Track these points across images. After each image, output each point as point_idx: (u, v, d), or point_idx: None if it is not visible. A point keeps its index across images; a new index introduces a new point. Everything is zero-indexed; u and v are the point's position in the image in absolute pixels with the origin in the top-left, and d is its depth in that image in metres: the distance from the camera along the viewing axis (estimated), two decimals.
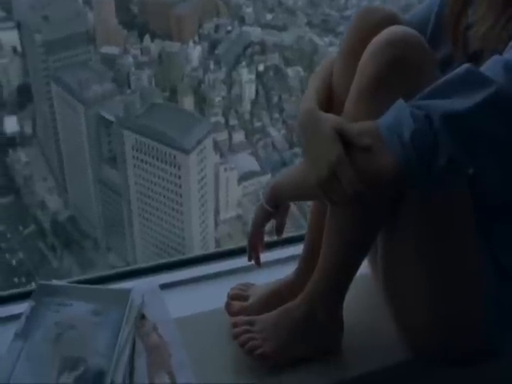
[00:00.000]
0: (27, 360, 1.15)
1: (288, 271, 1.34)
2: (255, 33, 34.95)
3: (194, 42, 35.33)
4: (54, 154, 26.71)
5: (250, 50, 30.94)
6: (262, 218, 1.23)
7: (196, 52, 32.59)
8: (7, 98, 26.72)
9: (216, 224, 24.09)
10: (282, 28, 30.88)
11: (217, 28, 40.15)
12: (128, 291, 1.29)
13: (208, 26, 38.43)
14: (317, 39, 28.32)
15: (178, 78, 30.07)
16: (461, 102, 0.87)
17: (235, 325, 1.21)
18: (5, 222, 23.63)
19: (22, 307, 1.28)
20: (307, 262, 1.23)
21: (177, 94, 29.12)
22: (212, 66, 29.58)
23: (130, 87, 29.42)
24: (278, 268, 1.47)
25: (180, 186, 22.63)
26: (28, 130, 26.32)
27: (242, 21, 41.27)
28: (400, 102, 0.91)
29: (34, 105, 27.21)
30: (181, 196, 22.76)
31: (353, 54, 1.04)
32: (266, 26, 35.59)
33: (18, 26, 28.79)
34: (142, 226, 23.60)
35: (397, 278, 1.12)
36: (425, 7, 1.20)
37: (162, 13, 41.43)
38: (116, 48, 33.68)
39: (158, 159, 22.42)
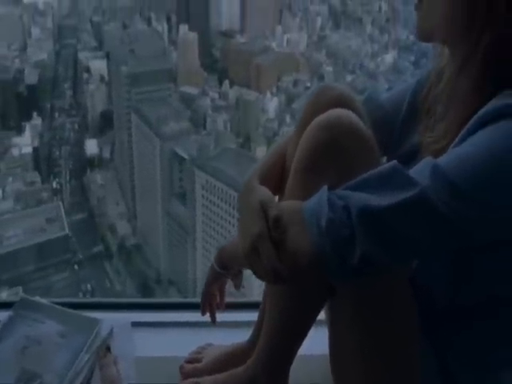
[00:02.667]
0: None
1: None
2: None
3: (272, 94, 35.87)
4: (127, 180, 27.22)
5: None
6: (213, 278, 1.29)
7: (273, 103, 33.05)
8: (90, 121, 27.55)
9: None
10: (362, 91, 30.83)
11: (295, 83, 40.77)
12: (97, 321, 1.43)
13: (287, 80, 39.04)
14: None
15: (253, 127, 30.48)
16: (381, 199, 0.84)
17: None
18: (76, 237, 24.07)
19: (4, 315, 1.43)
20: (260, 328, 1.23)
21: (250, 141, 29.47)
22: (288, 120, 29.85)
23: (205, 128, 29.93)
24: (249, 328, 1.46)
25: None
26: (106, 154, 27.04)
27: (322, 79, 41.86)
28: (324, 188, 0.90)
29: (113, 131, 27.96)
30: None
31: (305, 128, 1.03)
32: None
33: (107, 57, 29.82)
34: (205, 265, 23.57)
35: (338, 361, 1.11)
36: (399, 93, 1.21)
37: (242, 61, 42.39)
38: (195, 89, 34.47)
39: (226, 202, 22.53)
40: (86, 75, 29.34)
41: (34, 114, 25.56)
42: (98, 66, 30.16)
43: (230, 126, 32.00)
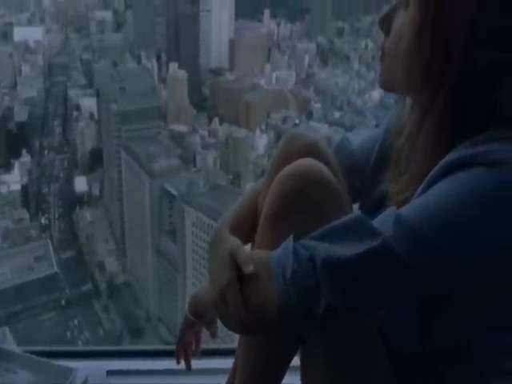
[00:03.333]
0: None
1: None
2: (323, 129, 35.57)
3: (261, 131, 36.13)
4: (117, 218, 27.27)
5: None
6: (187, 326, 1.28)
7: (262, 140, 33.28)
8: (80, 159, 27.60)
9: None
10: (350, 128, 31.31)
11: (285, 119, 41.05)
12: (71, 370, 1.41)
13: (276, 117, 39.33)
14: None
15: (243, 164, 30.63)
16: (345, 250, 0.85)
17: None
18: (64, 275, 23.92)
19: None
20: (235, 376, 1.21)
21: (240, 178, 29.60)
22: None
23: (195, 165, 30.05)
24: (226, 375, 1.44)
25: None
26: (95, 191, 27.08)
27: (310, 116, 42.24)
28: (290, 238, 0.91)
29: (103, 169, 27.99)
30: None
31: (275, 177, 1.05)
32: (333, 123, 36.29)
33: (97, 94, 30.01)
34: None
35: None
36: (369, 141, 1.22)
37: (232, 98, 42.71)
38: (185, 126, 34.66)
39: None
40: (75, 113, 29.48)
41: (24, 151, 25.60)
42: (88, 103, 30.34)
43: (219, 163, 32.12)
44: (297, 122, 40.37)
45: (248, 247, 1.07)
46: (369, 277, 0.86)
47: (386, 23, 1.00)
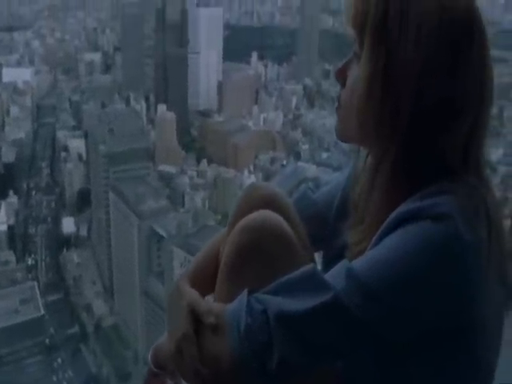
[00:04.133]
0: None
1: None
2: (310, 169, 35.75)
3: (249, 172, 36.38)
4: (104, 259, 27.14)
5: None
6: (151, 377, 1.17)
7: (250, 181, 33.33)
8: (68, 200, 27.52)
9: None
10: (338, 168, 31.56)
11: (272, 160, 41.33)
12: None
13: (264, 158, 39.62)
14: None
15: (231, 204, 30.60)
16: (297, 304, 0.85)
17: None
18: (51, 318, 23.61)
19: None
20: None
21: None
22: None
23: (183, 206, 30.04)
24: None
25: None
26: (83, 232, 26.93)
27: (298, 157, 42.54)
28: (244, 292, 0.89)
29: (91, 210, 27.86)
30: None
31: (234, 226, 1.03)
32: (321, 164, 36.54)
33: (86, 136, 30.03)
34: None
35: None
36: (331, 190, 1.19)
37: (220, 140, 42.98)
38: (173, 167, 34.81)
39: None
40: (63, 154, 29.43)
41: (11, 192, 25.42)
42: (76, 144, 30.35)
43: (208, 203, 32.16)
44: (284, 162, 40.72)
45: (211, 298, 1.03)
46: (321, 330, 0.85)
47: (341, 76, 0.98)
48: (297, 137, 40.19)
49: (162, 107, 36.63)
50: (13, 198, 25.56)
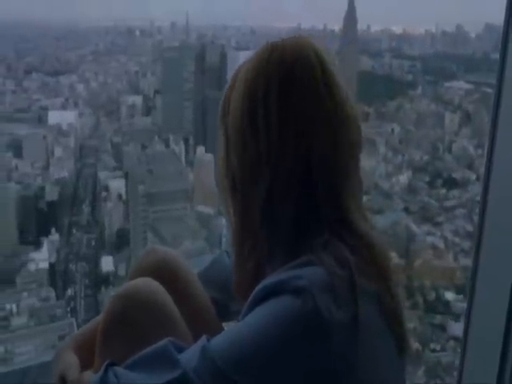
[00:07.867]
0: None
1: None
2: None
3: None
4: None
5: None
6: None
7: None
8: (107, 238, 27.73)
9: None
10: (377, 211, 31.10)
11: None
12: None
13: None
14: (413, 227, 28.20)
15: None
16: (148, 380, 0.86)
17: None
18: None
19: None
20: None
21: None
22: None
23: (221, 248, 29.98)
24: None
25: None
26: (121, 271, 27.06)
27: None
28: (105, 363, 0.90)
29: (129, 249, 28.06)
30: None
31: None
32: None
33: (126, 176, 30.42)
34: None
35: None
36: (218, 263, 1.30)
37: None
38: (211, 209, 34.89)
39: None
40: (104, 193, 29.85)
41: (53, 230, 25.79)
42: (117, 184, 30.75)
43: None
44: None
45: (77, 370, 1.10)
46: None
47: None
48: None
49: (200, 149, 37.15)
50: (55, 236, 25.94)
